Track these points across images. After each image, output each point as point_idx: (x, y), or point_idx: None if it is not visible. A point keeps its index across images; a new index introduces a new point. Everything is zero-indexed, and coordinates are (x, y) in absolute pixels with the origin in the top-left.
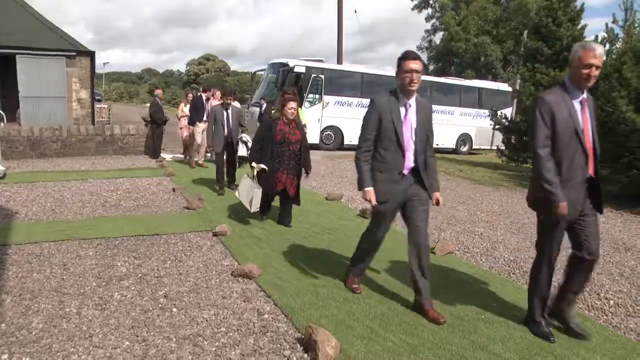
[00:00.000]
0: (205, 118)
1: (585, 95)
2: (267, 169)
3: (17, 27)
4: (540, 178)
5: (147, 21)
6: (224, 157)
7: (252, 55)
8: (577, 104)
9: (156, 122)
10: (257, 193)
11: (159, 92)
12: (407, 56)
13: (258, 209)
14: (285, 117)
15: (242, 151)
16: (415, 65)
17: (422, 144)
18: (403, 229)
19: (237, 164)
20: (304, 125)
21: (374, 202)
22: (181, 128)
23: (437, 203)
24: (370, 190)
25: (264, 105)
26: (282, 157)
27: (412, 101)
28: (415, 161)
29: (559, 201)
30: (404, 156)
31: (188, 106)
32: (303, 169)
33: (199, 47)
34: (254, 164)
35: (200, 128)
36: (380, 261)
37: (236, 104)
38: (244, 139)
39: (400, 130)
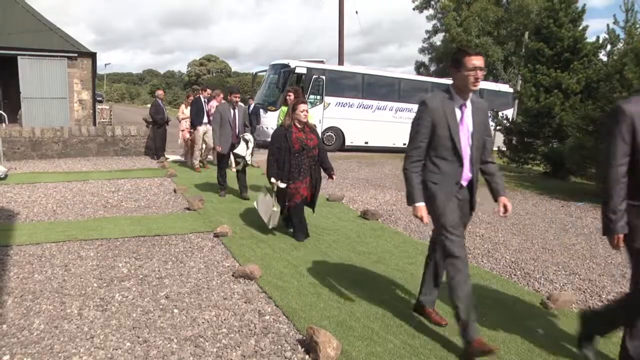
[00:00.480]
0: (205, 120)
1: None
2: (285, 186)
3: (19, 28)
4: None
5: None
6: (231, 160)
7: (254, 56)
8: None
9: (157, 122)
10: (276, 213)
11: (160, 93)
12: (469, 51)
13: (276, 225)
14: (298, 122)
15: (241, 149)
16: (478, 61)
17: (479, 152)
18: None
19: (235, 162)
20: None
21: (425, 220)
22: (182, 130)
23: (505, 210)
24: (421, 206)
25: (252, 105)
26: (301, 167)
27: (468, 102)
28: (472, 171)
29: (615, 233)
30: (461, 165)
31: (189, 108)
32: (326, 172)
33: (200, 48)
34: (272, 180)
35: (201, 132)
36: (381, 262)
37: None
38: (246, 137)
39: (457, 137)
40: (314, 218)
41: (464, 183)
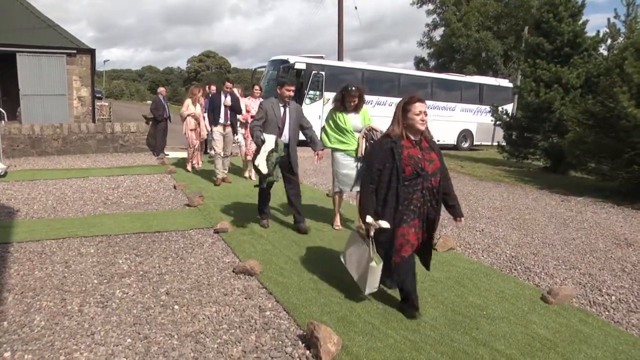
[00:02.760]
0: (222, 120)
1: None
2: (389, 227)
3: (17, 25)
4: None
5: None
6: (279, 175)
7: (255, 52)
8: None
9: (156, 118)
10: (375, 271)
11: (161, 89)
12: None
13: (375, 289)
14: (411, 133)
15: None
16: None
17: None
18: None
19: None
20: (373, 129)
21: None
22: (192, 130)
23: None
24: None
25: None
26: (411, 201)
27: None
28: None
29: None
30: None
31: (198, 106)
32: (450, 212)
33: (201, 45)
34: (369, 219)
35: (219, 133)
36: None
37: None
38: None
39: None
40: (314, 214)
41: None
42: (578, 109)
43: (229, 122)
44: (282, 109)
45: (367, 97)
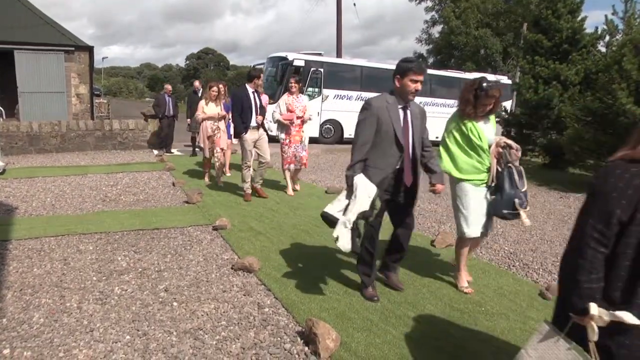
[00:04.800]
0: (253, 123)
1: None
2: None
3: (15, 22)
4: None
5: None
6: (397, 210)
7: (255, 49)
8: None
9: (157, 115)
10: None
11: (167, 87)
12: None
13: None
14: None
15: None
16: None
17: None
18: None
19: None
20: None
21: None
22: (209, 137)
23: None
24: None
25: (200, 90)
26: None
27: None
28: None
29: None
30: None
31: (219, 106)
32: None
33: (201, 42)
34: (595, 309)
35: (250, 142)
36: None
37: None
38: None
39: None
40: (312, 211)
41: None
42: (577, 105)
43: (260, 124)
44: (401, 113)
45: (365, 94)
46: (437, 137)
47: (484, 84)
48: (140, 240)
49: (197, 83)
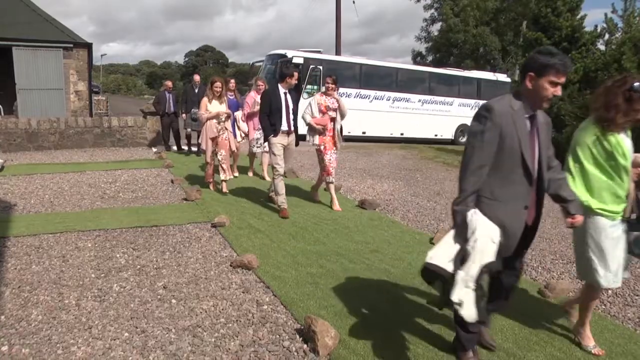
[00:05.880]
0: (285, 127)
1: None
2: None
3: (13, 19)
4: None
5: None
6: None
7: (255, 46)
8: None
9: (158, 113)
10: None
11: (167, 83)
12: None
13: None
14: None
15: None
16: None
17: None
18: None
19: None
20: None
21: None
22: (212, 139)
23: None
24: None
25: (198, 85)
26: None
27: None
28: None
29: None
30: None
31: (223, 104)
32: None
33: (201, 39)
34: None
35: (280, 146)
36: (378, 251)
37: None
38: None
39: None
40: (311, 208)
41: None
42: (576, 103)
43: (292, 129)
44: (528, 124)
45: (364, 92)
46: (435, 135)
47: (636, 84)
48: (139, 237)
49: (197, 77)
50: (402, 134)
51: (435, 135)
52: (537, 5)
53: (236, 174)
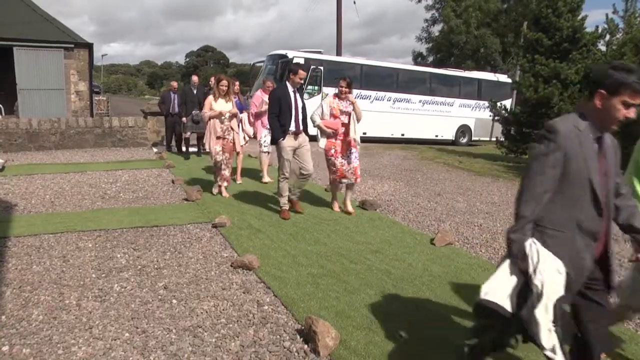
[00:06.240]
0: (293, 127)
1: None
2: None
3: (14, 19)
4: None
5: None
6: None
7: (256, 47)
8: None
9: (162, 113)
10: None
11: (173, 83)
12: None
13: None
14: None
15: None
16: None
17: None
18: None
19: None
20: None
21: None
22: (218, 139)
23: None
24: None
25: (196, 86)
26: None
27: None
28: None
29: None
30: None
31: (229, 102)
32: None
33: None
34: None
35: (289, 149)
36: (379, 252)
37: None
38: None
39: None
40: (311, 209)
41: None
42: (577, 104)
43: (301, 128)
44: (595, 146)
45: (365, 92)
46: (436, 136)
47: None
48: (140, 237)
49: (195, 78)
50: (402, 135)
51: (436, 136)
52: (538, 6)
53: (239, 181)
